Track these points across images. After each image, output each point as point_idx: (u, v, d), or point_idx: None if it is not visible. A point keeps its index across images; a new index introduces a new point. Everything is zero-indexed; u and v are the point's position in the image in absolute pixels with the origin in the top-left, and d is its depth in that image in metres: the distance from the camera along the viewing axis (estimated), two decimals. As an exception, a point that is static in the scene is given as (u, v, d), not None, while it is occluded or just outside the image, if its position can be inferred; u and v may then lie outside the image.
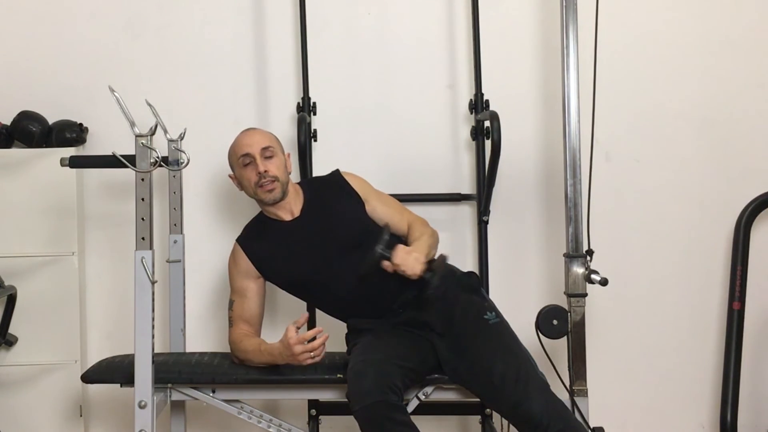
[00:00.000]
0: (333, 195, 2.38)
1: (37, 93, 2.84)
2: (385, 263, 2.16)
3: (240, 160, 2.31)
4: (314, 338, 2.11)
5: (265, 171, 2.27)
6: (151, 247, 2.11)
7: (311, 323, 2.65)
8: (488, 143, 2.56)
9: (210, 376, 2.24)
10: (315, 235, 2.30)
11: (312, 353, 2.10)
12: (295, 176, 2.53)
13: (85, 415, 2.76)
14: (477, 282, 2.38)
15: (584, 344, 2.31)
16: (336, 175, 2.44)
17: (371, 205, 2.38)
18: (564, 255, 2.35)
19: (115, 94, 2.09)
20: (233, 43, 2.88)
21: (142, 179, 2.11)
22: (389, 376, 2.00)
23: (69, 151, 2.68)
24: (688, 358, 2.90)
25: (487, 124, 2.67)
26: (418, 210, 2.52)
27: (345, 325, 2.36)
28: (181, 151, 2.46)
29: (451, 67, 2.88)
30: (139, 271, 2.09)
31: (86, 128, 2.82)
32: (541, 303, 2.36)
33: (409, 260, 2.15)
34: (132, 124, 2.10)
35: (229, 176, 2.41)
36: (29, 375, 2.73)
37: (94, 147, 2.83)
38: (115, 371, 2.28)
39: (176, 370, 2.26)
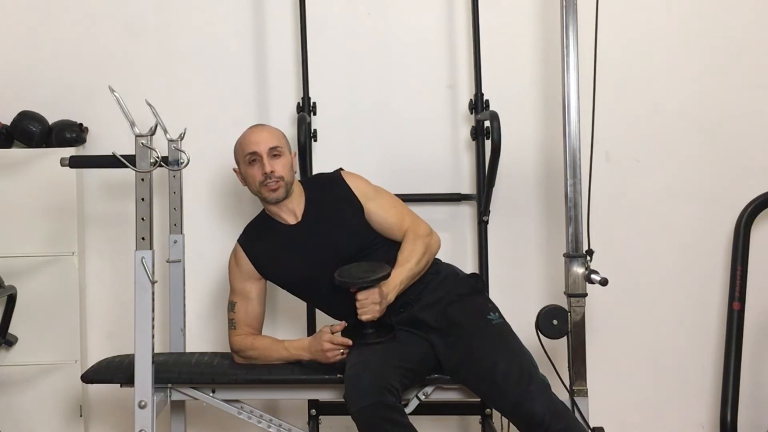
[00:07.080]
0: (334, 200, 2.34)
1: (37, 93, 2.84)
2: (356, 293, 2.14)
3: (246, 157, 2.28)
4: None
5: (272, 171, 2.24)
6: (151, 247, 2.11)
7: (311, 323, 2.67)
8: (488, 143, 2.56)
9: (210, 376, 2.24)
10: (315, 242, 2.29)
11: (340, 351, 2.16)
12: (295, 176, 2.53)
13: (85, 415, 2.76)
14: (481, 284, 2.39)
15: (584, 344, 2.30)
16: (338, 176, 2.39)
17: (368, 211, 2.32)
18: (564, 255, 2.35)
19: (115, 94, 2.09)
20: (233, 42, 2.88)
21: (142, 179, 2.11)
22: (386, 377, 1.99)
23: (69, 151, 2.68)
24: (688, 358, 2.90)
25: (487, 124, 2.67)
26: (418, 210, 2.49)
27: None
28: (181, 151, 2.46)
29: (451, 67, 2.88)
30: (139, 271, 2.09)
31: (86, 128, 2.82)
32: (541, 303, 2.36)
33: (367, 305, 2.13)
34: (132, 124, 2.10)
35: (234, 170, 2.37)
36: (29, 375, 2.73)
37: (94, 147, 2.83)
38: (115, 371, 2.28)
39: (176, 370, 2.25)
